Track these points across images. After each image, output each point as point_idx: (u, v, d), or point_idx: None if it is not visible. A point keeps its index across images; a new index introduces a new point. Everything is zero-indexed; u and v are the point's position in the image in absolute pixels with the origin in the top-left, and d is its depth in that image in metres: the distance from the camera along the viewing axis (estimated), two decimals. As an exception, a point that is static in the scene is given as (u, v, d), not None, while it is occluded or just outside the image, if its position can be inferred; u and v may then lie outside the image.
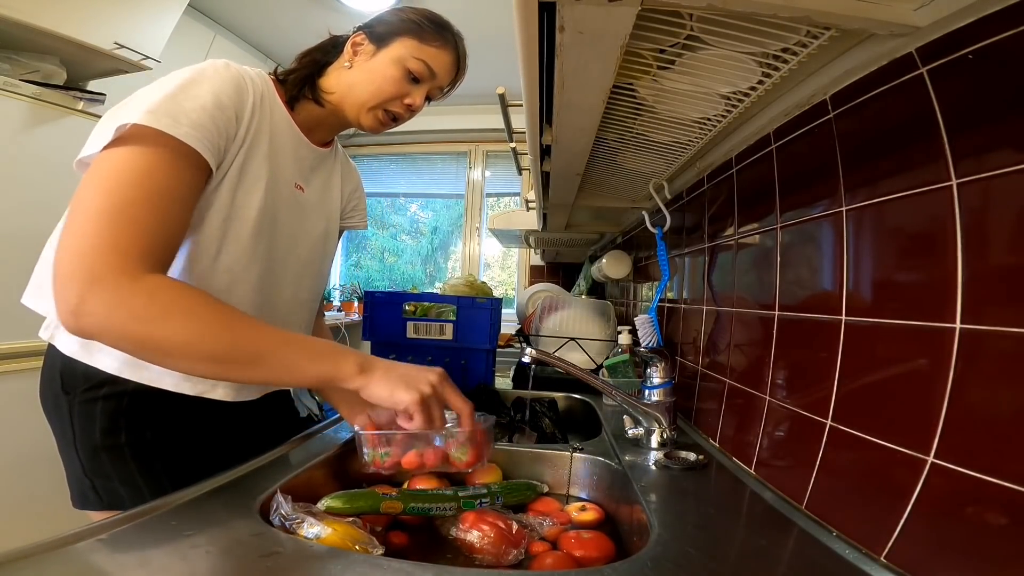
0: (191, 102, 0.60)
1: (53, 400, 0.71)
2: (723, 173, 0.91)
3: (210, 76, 0.64)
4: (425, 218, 3.98)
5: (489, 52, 2.53)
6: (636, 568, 0.48)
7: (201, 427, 0.74)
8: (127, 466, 0.68)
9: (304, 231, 0.82)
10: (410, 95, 0.79)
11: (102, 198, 0.54)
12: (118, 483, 0.68)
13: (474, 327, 1.29)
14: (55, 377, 0.70)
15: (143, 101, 0.58)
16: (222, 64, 0.67)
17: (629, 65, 0.57)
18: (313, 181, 0.84)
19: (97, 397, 0.68)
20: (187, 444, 0.73)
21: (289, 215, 0.77)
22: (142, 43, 1.84)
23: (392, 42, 0.77)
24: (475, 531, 0.61)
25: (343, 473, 0.80)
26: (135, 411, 0.69)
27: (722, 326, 0.89)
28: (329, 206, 0.89)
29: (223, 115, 0.63)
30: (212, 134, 0.62)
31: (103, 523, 0.51)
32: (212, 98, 0.62)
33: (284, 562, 0.47)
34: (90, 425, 0.68)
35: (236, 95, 0.66)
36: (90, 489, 0.69)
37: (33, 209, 1.63)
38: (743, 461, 0.75)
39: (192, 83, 0.62)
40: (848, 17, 0.44)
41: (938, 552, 0.43)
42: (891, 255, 0.51)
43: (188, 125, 0.59)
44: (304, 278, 0.84)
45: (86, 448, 0.68)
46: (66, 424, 0.69)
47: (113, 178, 0.55)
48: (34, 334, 0.75)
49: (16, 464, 1.56)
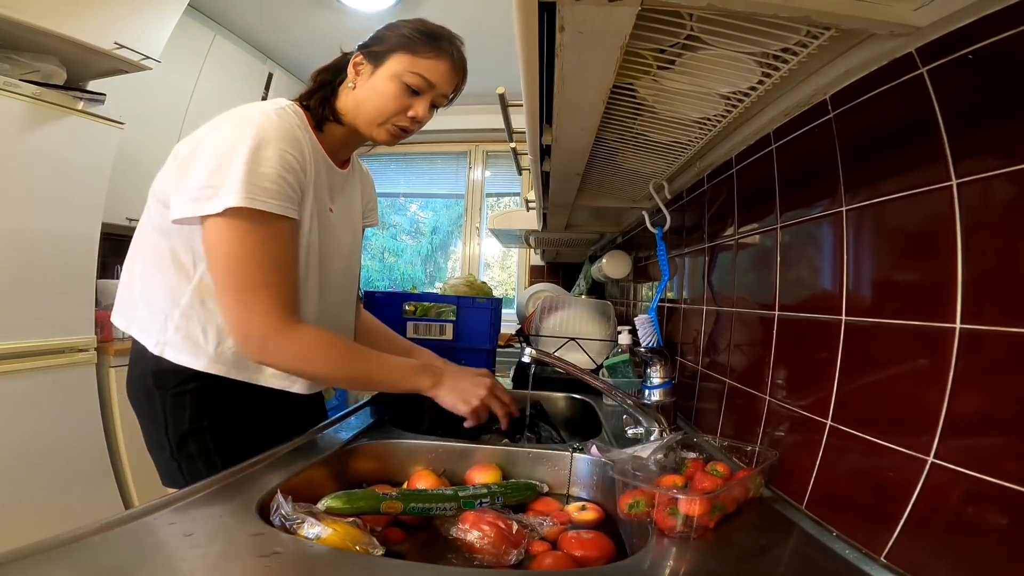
0: (267, 169, 0.71)
1: (146, 394, 0.82)
2: (723, 173, 0.91)
3: (271, 136, 0.72)
4: (425, 218, 3.98)
5: (489, 52, 2.53)
6: (636, 568, 0.48)
7: (260, 413, 0.87)
8: (207, 447, 0.81)
9: (337, 247, 0.91)
10: (412, 108, 0.83)
11: (246, 272, 0.72)
12: (200, 463, 0.80)
13: (474, 327, 1.29)
14: (146, 375, 0.82)
15: (232, 177, 0.69)
16: (275, 116, 0.75)
17: (629, 65, 0.57)
18: (338, 200, 0.92)
19: (186, 391, 0.81)
20: (250, 427, 0.85)
21: (326, 236, 0.87)
22: (142, 43, 1.84)
23: (387, 60, 0.81)
24: (475, 531, 0.61)
25: (343, 473, 0.80)
26: (215, 401, 0.82)
27: (722, 326, 0.89)
28: (353, 219, 0.98)
29: (294, 176, 0.75)
30: (292, 195, 0.75)
31: (103, 523, 0.51)
32: (281, 162, 0.72)
33: (284, 562, 0.47)
34: (181, 414, 0.81)
35: (297, 151, 0.75)
36: (177, 471, 0.81)
37: (33, 209, 1.63)
38: (743, 461, 0.75)
39: (259, 148, 0.71)
40: (848, 17, 0.44)
41: (938, 552, 0.43)
42: (891, 255, 0.51)
43: (277, 198, 0.72)
44: (344, 284, 0.96)
45: (177, 434, 0.81)
46: (158, 415, 0.81)
47: (246, 255, 0.72)
48: (33, 334, 0.76)
49: (16, 463, 1.56)
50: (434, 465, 0.85)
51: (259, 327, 0.74)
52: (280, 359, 0.77)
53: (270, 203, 0.71)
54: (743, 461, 0.70)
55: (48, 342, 1.66)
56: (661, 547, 0.53)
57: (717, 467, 0.64)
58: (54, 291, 1.70)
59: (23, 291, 1.61)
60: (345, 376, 0.83)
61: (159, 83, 2.16)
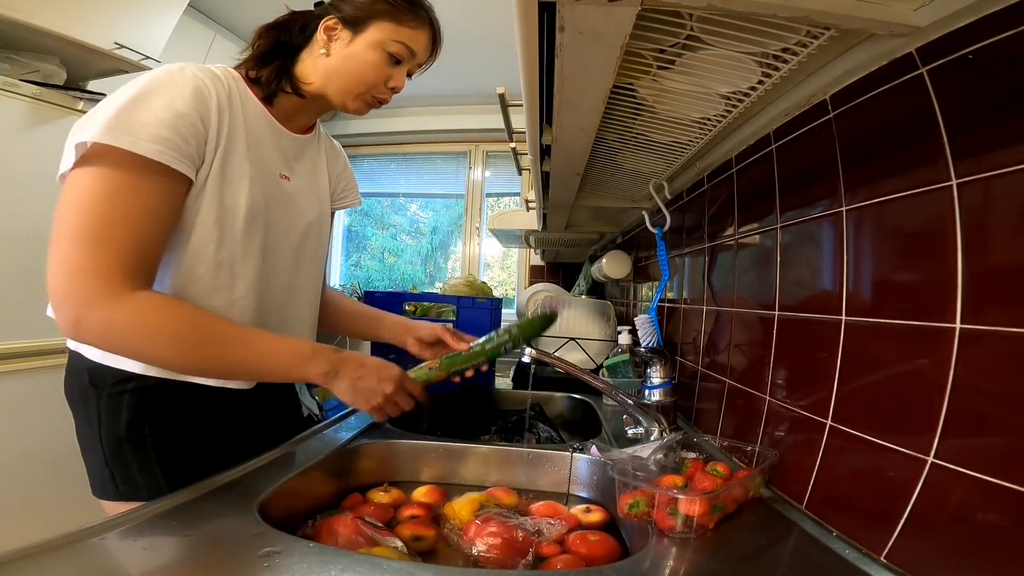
0: (148, 114, 0.61)
1: (80, 393, 0.73)
2: (723, 173, 0.91)
3: (164, 84, 0.64)
4: (425, 218, 3.98)
5: (489, 52, 2.54)
6: (636, 568, 0.48)
7: (215, 420, 0.77)
8: (147, 456, 0.71)
9: (294, 219, 0.82)
10: (393, 78, 0.79)
11: (80, 221, 0.59)
12: (137, 473, 0.70)
13: (474, 327, 1.28)
14: (82, 371, 0.72)
15: (100, 116, 0.59)
16: (176, 69, 0.67)
17: (629, 65, 0.57)
18: (298, 169, 0.84)
19: (124, 391, 0.70)
20: (202, 437, 0.75)
21: (278, 206, 0.78)
22: (142, 43, 1.84)
23: (368, 26, 0.75)
24: (479, 542, 0.60)
25: (343, 473, 0.80)
26: (158, 405, 0.72)
27: (722, 326, 0.89)
28: (319, 191, 0.89)
29: (184, 122, 0.64)
30: (176, 143, 0.63)
31: (103, 523, 0.51)
32: (168, 108, 0.63)
33: (284, 562, 0.47)
34: (116, 417, 0.70)
35: (195, 100, 0.65)
36: (109, 480, 0.71)
37: (33, 209, 1.63)
38: (743, 461, 0.75)
39: (146, 94, 0.62)
40: (848, 17, 0.44)
41: (938, 552, 0.43)
42: (891, 255, 0.51)
43: (147, 139, 0.60)
44: (301, 263, 0.85)
45: (111, 439, 0.71)
46: (92, 416, 0.71)
47: (87, 200, 0.59)
48: (33, 334, 0.76)
49: (16, 463, 1.56)
50: (435, 471, 0.85)
51: (77, 289, 0.58)
52: (98, 333, 0.61)
53: (134, 145, 0.59)
54: (743, 461, 0.70)
55: (48, 342, 1.66)
56: (661, 547, 0.53)
57: (717, 467, 0.64)
58: (54, 291, 1.70)
59: (23, 291, 1.61)
60: (201, 360, 0.65)
61: (159, 83, 2.16)
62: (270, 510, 0.58)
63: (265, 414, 0.85)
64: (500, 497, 0.77)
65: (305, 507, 0.68)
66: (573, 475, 0.84)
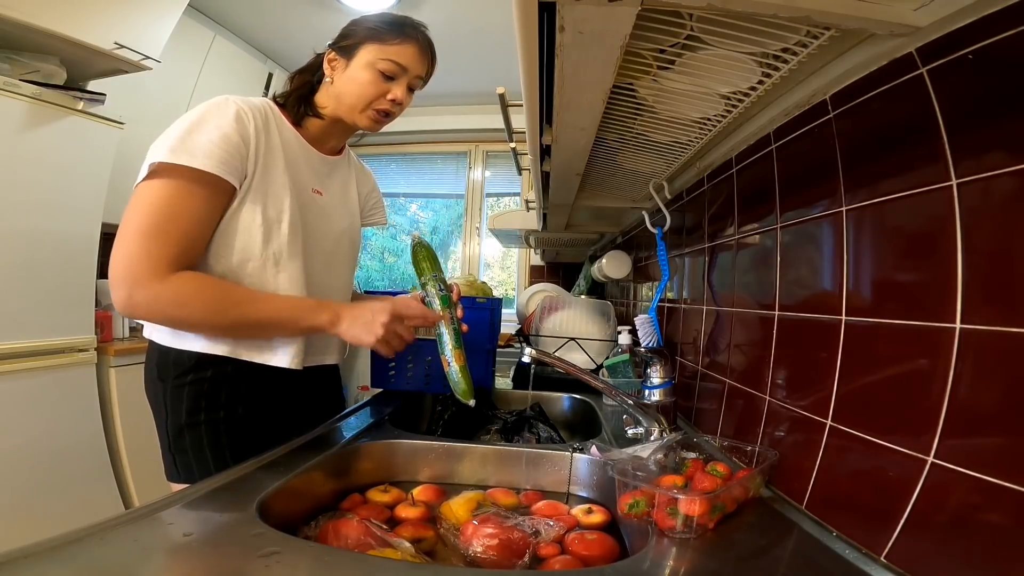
0: (201, 137, 0.75)
1: (152, 387, 0.85)
2: (723, 173, 0.91)
3: (213, 114, 0.78)
4: (425, 218, 3.98)
5: (489, 52, 2.54)
6: (636, 568, 0.49)
7: (269, 402, 0.88)
8: (201, 441, 0.82)
9: (327, 228, 0.94)
10: (390, 91, 0.88)
11: (139, 220, 0.73)
12: (192, 458, 0.81)
13: (474, 327, 1.28)
14: (152, 367, 0.85)
15: (166, 142, 0.74)
16: (222, 100, 0.80)
17: (629, 65, 0.57)
18: (330, 185, 0.96)
19: (184, 383, 0.82)
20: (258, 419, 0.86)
21: (312, 216, 0.90)
22: (142, 43, 1.84)
23: (358, 52, 0.86)
24: (476, 543, 0.60)
25: (343, 473, 0.80)
26: (213, 394, 0.83)
27: (722, 326, 0.89)
28: (349, 205, 1.02)
29: (229, 142, 0.77)
30: (223, 157, 0.76)
31: (102, 523, 0.51)
32: (217, 131, 0.76)
33: (284, 562, 0.47)
34: (178, 407, 0.82)
35: (236, 123, 0.78)
36: (172, 464, 0.83)
37: (33, 209, 1.63)
38: (743, 461, 0.75)
39: (199, 122, 0.76)
40: (848, 17, 0.44)
41: (938, 552, 0.43)
42: (891, 255, 0.51)
43: (202, 156, 0.74)
44: (333, 267, 0.96)
45: (173, 427, 0.82)
46: (161, 407, 0.84)
47: (147, 204, 0.74)
48: (33, 334, 0.76)
49: (16, 463, 1.56)
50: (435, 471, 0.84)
51: (132, 271, 0.72)
52: (146, 306, 0.74)
53: (191, 161, 0.73)
54: (743, 461, 0.70)
55: (48, 342, 1.66)
56: (661, 547, 0.53)
57: (717, 467, 0.64)
58: (54, 291, 1.70)
59: (23, 291, 1.61)
60: (228, 319, 0.77)
61: (159, 83, 2.15)
62: (270, 510, 0.58)
63: (308, 397, 0.96)
64: (498, 498, 0.77)
65: (305, 507, 0.68)
66: (573, 475, 0.84)
